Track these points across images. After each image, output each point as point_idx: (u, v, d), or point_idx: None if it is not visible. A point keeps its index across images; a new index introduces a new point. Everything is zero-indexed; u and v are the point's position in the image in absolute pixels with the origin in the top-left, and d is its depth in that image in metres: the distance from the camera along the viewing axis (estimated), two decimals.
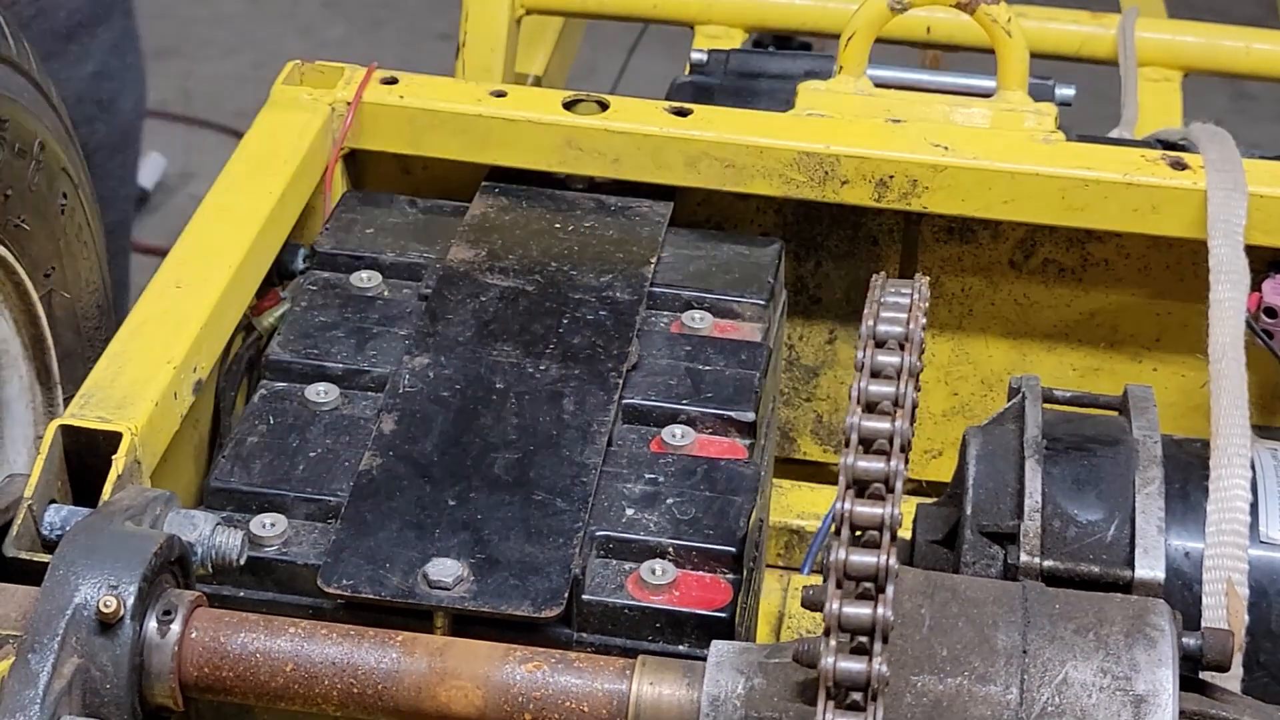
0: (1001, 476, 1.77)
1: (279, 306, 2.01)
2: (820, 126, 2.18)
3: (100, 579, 1.48)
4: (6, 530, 1.63)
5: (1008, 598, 1.49)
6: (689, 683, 1.49)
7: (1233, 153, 2.15)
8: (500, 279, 2.02)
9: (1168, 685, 1.44)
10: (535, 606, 1.65)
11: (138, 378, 1.79)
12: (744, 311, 2.01)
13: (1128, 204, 2.12)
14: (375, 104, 2.19)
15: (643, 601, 1.69)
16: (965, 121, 2.24)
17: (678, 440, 1.85)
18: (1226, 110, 4.90)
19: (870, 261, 2.29)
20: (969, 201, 2.14)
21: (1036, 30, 2.80)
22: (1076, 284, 2.27)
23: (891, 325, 1.50)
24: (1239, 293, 1.95)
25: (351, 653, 1.53)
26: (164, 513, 1.61)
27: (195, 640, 1.52)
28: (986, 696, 1.43)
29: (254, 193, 2.05)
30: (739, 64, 2.60)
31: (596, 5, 2.97)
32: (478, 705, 1.51)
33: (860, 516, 1.39)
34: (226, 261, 1.95)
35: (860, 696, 1.35)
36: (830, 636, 1.36)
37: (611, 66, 3.88)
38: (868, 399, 1.45)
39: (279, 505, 1.76)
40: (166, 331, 1.85)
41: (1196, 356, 2.00)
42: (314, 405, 1.87)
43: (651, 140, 2.15)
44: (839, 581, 1.37)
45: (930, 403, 2.34)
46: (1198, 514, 1.76)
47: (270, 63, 2.98)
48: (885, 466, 1.40)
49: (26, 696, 1.43)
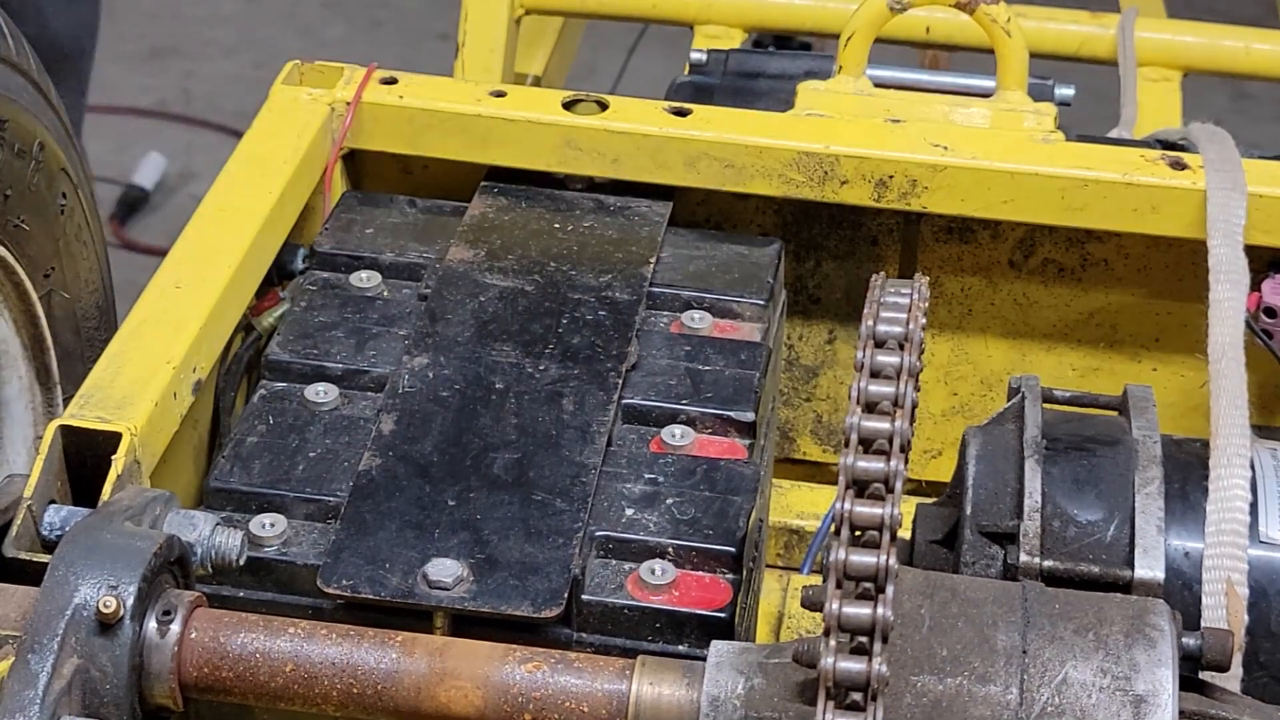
0: (1001, 476, 1.77)
1: (278, 306, 2.01)
2: (820, 126, 2.18)
3: (100, 579, 1.48)
4: (6, 530, 1.63)
5: (1007, 598, 1.49)
6: (689, 683, 1.49)
7: (1232, 153, 2.14)
8: (499, 279, 2.01)
9: (1167, 685, 1.44)
10: (535, 607, 1.65)
11: (137, 378, 1.79)
12: (743, 311, 2.01)
13: (1127, 204, 2.11)
14: (375, 104, 2.19)
15: (642, 601, 1.69)
16: (965, 121, 2.24)
17: (677, 440, 1.85)
18: (1226, 110, 4.90)
19: (870, 261, 2.29)
20: (968, 201, 2.14)
21: (1036, 30, 2.81)
22: (1076, 284, 2.27)
23: (891, 325, 1.50)
24: (1239, 293, 1.95)
25: (351, 653, 1.53)
26: (164, 513, 1.61)
27: (195, 640, 1.52)
28: (986, 696, 1.43)
29: (253, 193, 2.05)
30: (738, 64, 2.60)
31: (596, 5, 2.97)
32: (478, 705, 1.51)
33: (860, 516, 1.39)
34: (226, 261, 1.95)
35: (860, 697, 1.35)
36: (830, 636, 1.36)
37: (611, 66, 3.88)
38: (867, 399, 1.45)
39: (278, 505, 1.76)
40: (166, 331, 1.85)
41: (1196, 356, 2.00)
42: (313, 405, 1.87)
43: (651, 140, 2.15)
44: (839, 581, 1.37)
45: (930, 403, 2.34)
46: (1197, 514, 1.76)
47: (270, 63, 2.98)
48: (885, 466, 1.40)
49: (26, 697, 1.43)
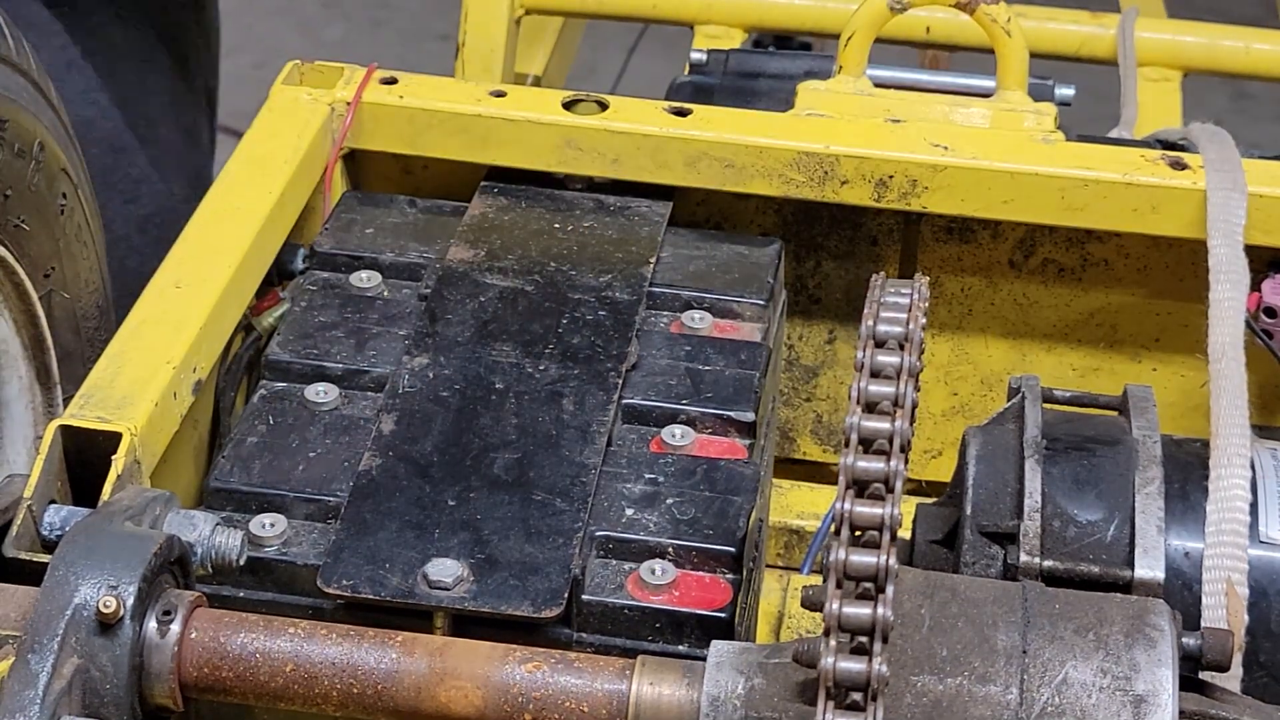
0: (1001, 476, 1.77)
1: (278, 306, 2.01)
2: (820, 126, 2.18)
3: (100, 579, 1.48)
4: (6, 530, 1.63)
5: (1007, 598, 1.49)
6: (689, 683, 1.49)
7: (1232, 153, 2.14)
8: (499, 279, 2.01)
9: (1167, 685, 1.44)
10: (535, 607, 1.65)
11: (137, 378, 1.79)
12: (743, 311, 2.01)
13: (1127, 204, 2.11)
14: (375, 104, 2.19)
15: (642, 601, 1.69)
16: (965, 121, 2.24)
17: (677, 440, 1.84)
18: (1226, 110, 4.90)
19: (870, 261, 2.29)
20: (969, 201, 2.14)
21: (1036, 30, 2.81)
22: (1076, 284, 2.27)
23: (891, 325, 1.50)
24: (1239, 293, 1.95)
25: (351, 653, 1.53)
26: (164, 513, 1.61)
27: (195, 640, 1.52)
28: (986, 696, 1.43)
29: (254, 193, 2.05)
30: (739, 64, 2.60)
31: (596, 5, 2.97)
32: (478, 705, 1.51)
33: (860, 517, 1.39)
34: (226, 261, 1.95)
35: (860, 696, 1.35)
36: (830, 636, 1.36)
37: (611, 66, 3.88)
38: (868, 399, 1.45)
39: (279, 505, 1.76)
40: (166, 331, 1.85)
41: (1196, 356, 2.00)
42: (313, 405, 1.86)
43: (651, 140, 2.15)
44: (839, 581, 1.37)
45: (930, 403, 2.34)
46: (1197, 514, 1.76)
47: (270, 62, 2.98)
48: (885, 466, 1.40)
49: (26, 696, 1.43)
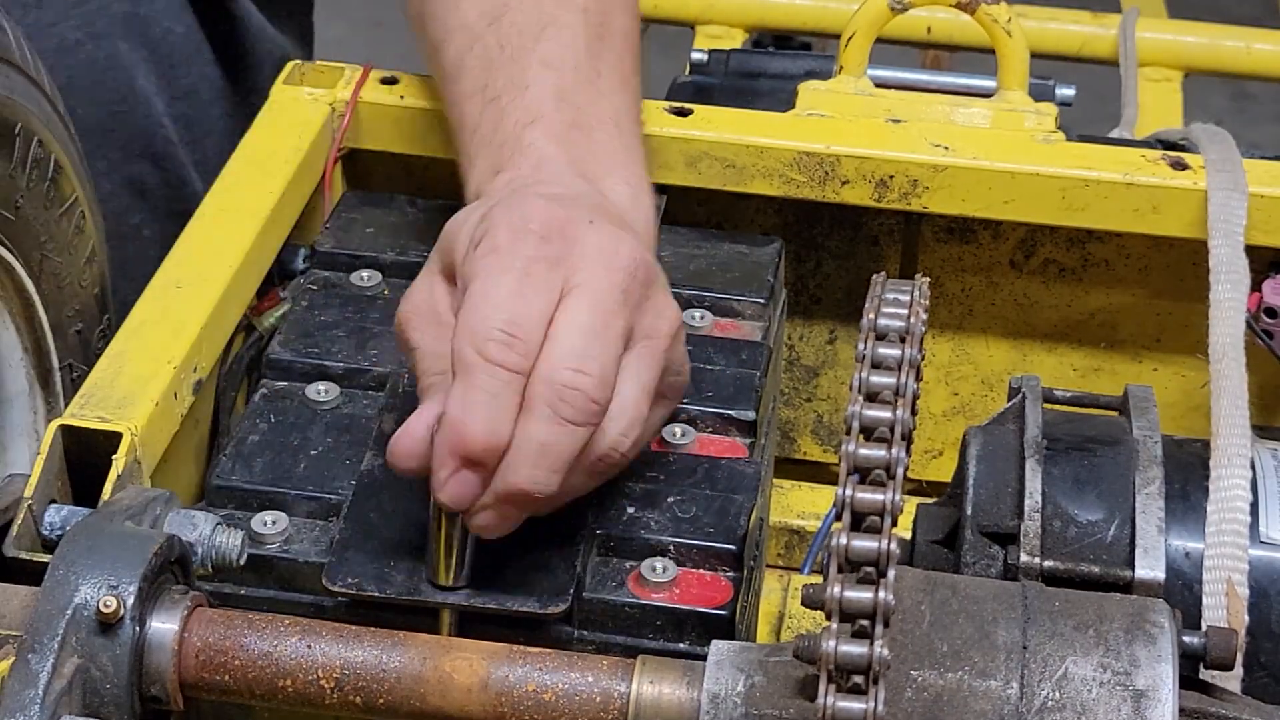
0: (1001, 476, 1.77)
1: (279, 306, 2.01)
2: (820, 126, 2.18)
3: (100, 579, 1.48)
4: (6, 530, 1.63)
5: (1008, 595, 1.49)
6: (689, 681, 1.49)
7: (1233, 153, 2.14)
8: None
9: (1168, 680, 1.44)
10: (540, 604, 1.65)
11: (138, 378, 1.78)
12: (744, 310, 2.00)
13: (1128, 204, 2.11)
14: (375, 104, 2.19)
15: (643, 599, 1.68)
16: (965, 121, 2.24)
17: (678, 439, 1.84)
18: (1226, 110, 4.90)
19: (870, 261, 2.29)
20: (969, 201, 2.14)
21: (1037, 30, 2.81)
22: (1077, 284, 2.27)
23: (892, 320, 1.50)
24: (1239, 293, 1.95)
25: (352, 652, 1.52)
26: (164, 512, 1.61)
27: (195, 640, 1.52)
28: (987, 691, 1.43)
29: (254, 193, 2.05)
30: (739, 64, 2.60)
31: None
32: (478, 704, 1.51)
33: (861, 503, 1.39)
34: (226, 261, 1.95)
35: (861, 680, 1.35)
36: (831, 620, 1.36)
37: None
38: (868, 389, 1.45)
39: (280, 503, 1.75)
40: (166, 331, 1.85)
41: (1196, 356, 1.99)
42: (315, 404, 1.86)
43: (651, 140, 2.14)
44: (840, 566, 1.37)
45: (930, 403, 2.34)
46: (1198, 514, 1.76)
47: None
48: (887, 454, 1.40)
49: (26, 696, 1.43)
